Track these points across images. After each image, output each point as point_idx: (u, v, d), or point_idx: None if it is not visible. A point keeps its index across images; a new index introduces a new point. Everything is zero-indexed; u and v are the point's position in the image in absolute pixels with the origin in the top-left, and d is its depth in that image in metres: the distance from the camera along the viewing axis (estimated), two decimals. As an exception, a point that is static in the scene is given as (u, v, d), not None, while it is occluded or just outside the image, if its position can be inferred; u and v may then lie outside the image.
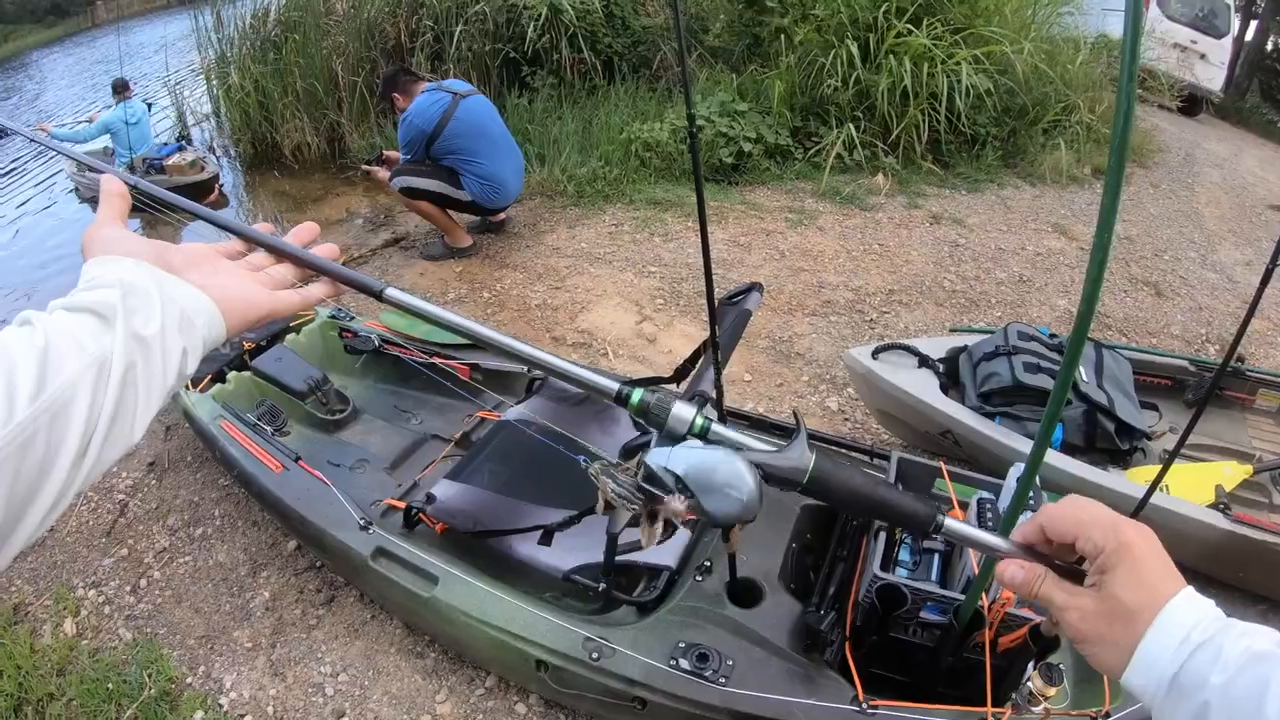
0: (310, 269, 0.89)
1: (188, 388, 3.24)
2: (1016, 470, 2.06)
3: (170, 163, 7.65)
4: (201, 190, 7.55)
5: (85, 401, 0.63)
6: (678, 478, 0.74)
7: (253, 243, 0.90)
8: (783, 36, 7.45)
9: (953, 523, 0.78)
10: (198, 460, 3.69)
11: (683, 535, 2.47)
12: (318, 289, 0.89)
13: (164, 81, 10.33)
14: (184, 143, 8.32)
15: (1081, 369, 3.13)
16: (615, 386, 0.77)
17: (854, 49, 6.98)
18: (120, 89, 8.02)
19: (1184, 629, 0.66)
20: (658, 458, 0.75)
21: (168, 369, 0.71)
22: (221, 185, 7.87)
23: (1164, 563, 0.72)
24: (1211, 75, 12.27)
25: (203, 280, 0.79)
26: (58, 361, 0.63)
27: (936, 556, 2.30)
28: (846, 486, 0.80)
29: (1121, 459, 3.08)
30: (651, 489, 0.76)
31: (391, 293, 0.85)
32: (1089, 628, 0.72)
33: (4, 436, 0.57)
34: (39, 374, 0.61)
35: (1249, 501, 3.00)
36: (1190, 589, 0.70)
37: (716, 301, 2.09)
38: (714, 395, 2.05)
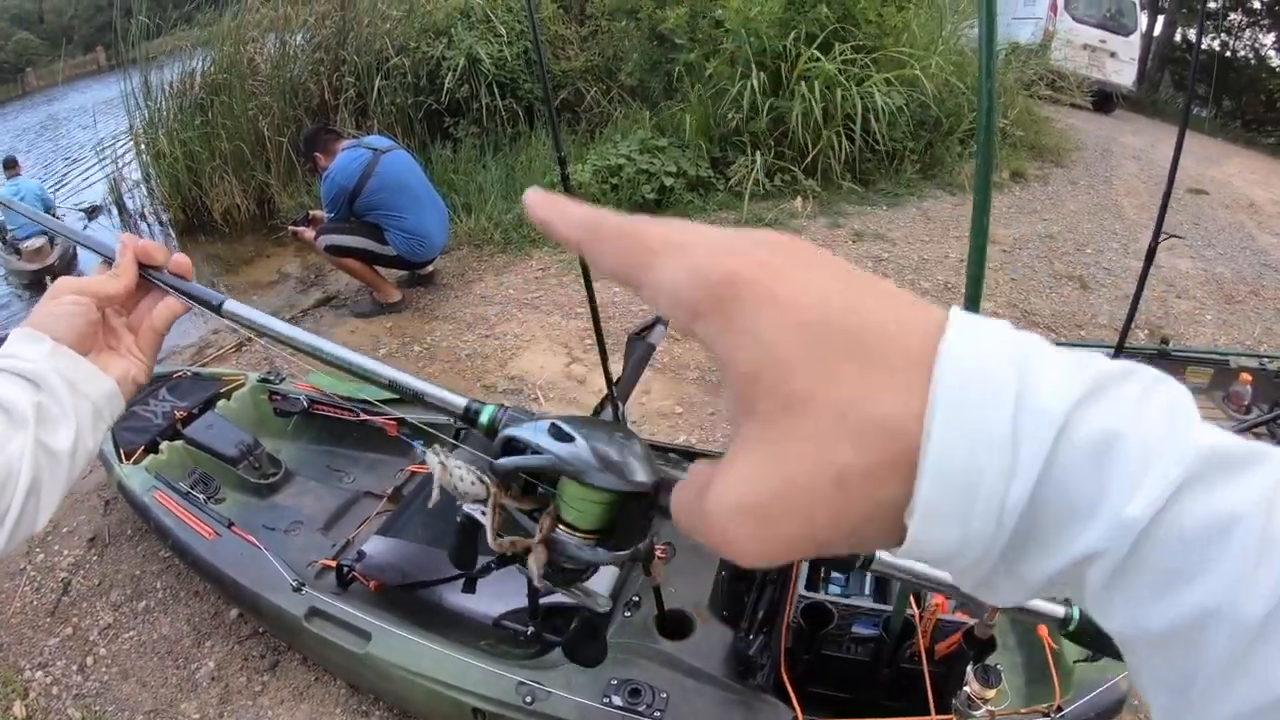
0: (157, 287, 0.87)
1: (121, 460, 3.28)
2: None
3: (24, 246, 7.67)
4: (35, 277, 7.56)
5: None
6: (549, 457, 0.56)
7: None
8: (693, 70, 7.62)
9: (885, 556, 0.67)
10: (138, 533, 3.70)
11: (610, 572, 2.54)
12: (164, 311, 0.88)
13: (95, 149, 10.27)
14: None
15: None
16: (463, 403, 0.66)
17: (762, 79, 7.14)
18: (9, 166, 8.05)
19: (1012, 388, 0.31)
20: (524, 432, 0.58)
21: (74, 471, 0.77)
22: (51, 279, 7.64)
23: (843, 271, 0.35)
24: (1122, 71, 12.73)
25: (108, 360, 0.83)
26: None
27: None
28: None
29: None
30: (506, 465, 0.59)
31: (230, 306, 0.84)
32: (792, 501, 0.33)
33: None
34: None
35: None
36: (959, 310, 0.34)
37: (626, 336, 2.16)
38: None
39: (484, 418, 0.62)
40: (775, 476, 0.33)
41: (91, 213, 9.20)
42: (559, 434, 0.53)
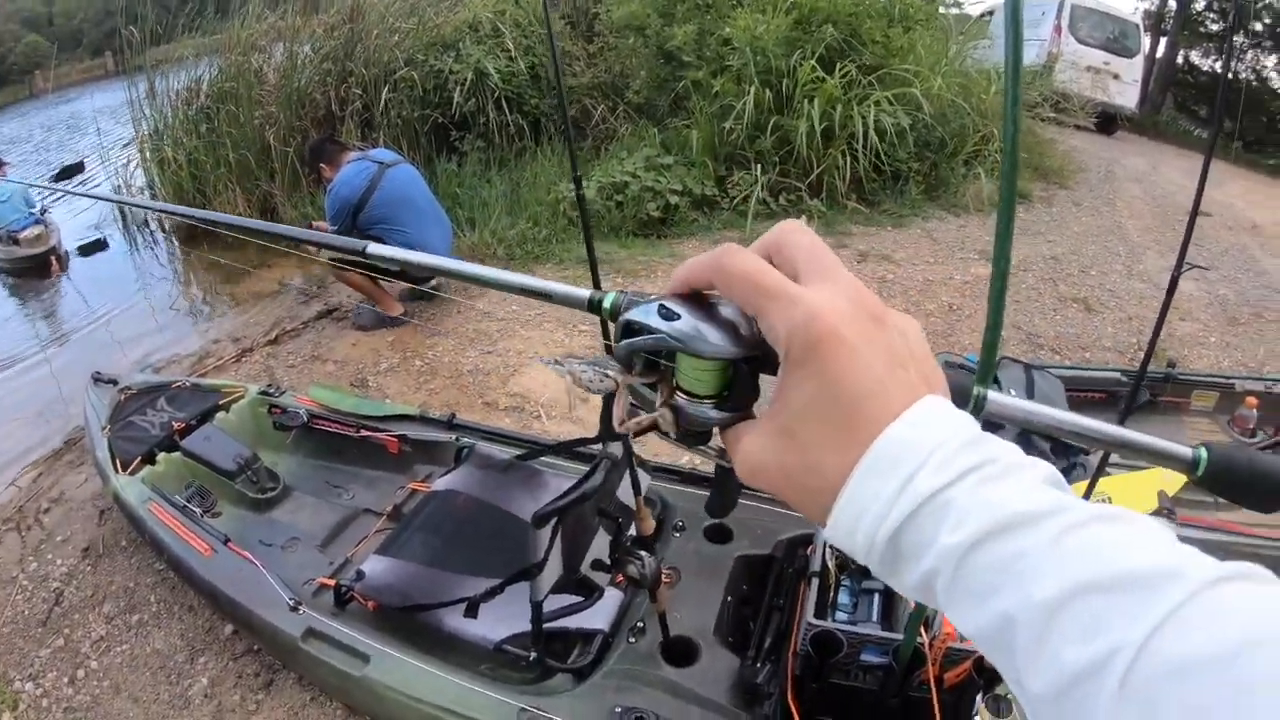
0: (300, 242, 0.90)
1: (117, 470, 3.24)
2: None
3: (23, 236, 7.94)
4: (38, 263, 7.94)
5: None
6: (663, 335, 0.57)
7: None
8: (700, 88, 7.63)
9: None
10: (133, 544, 3.66)
11: (614, 597, 2.50)
12: None
13: (100, 154, 10.23)
14: (43, 215, 8.38)
15: (1012, 391, 3.20)
16: (586, 294, 0.72)
17: (767, 96, 7.17)
18: None
19: (906, 467, 0.44)
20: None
21: None
22: (59, 258, 8.08)
23: (889, 355, 0.48)
24: (1125, 93, 12.81)
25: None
26: None
27: (876, 596, 2.32)
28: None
29: (1061, 477, 3.14)
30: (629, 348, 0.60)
31: (373, 249, 0.90)
32: (773, 475, 0.51)
33: None
34: None
35: (1193, 503, 2.96)
36: (932, 400, 0.47)
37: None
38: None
39: (607, 303, 0.69)
40: (772, 439, 0.50)
41: (68, 172, 9.58)
42: (666, 313, 0.58)
